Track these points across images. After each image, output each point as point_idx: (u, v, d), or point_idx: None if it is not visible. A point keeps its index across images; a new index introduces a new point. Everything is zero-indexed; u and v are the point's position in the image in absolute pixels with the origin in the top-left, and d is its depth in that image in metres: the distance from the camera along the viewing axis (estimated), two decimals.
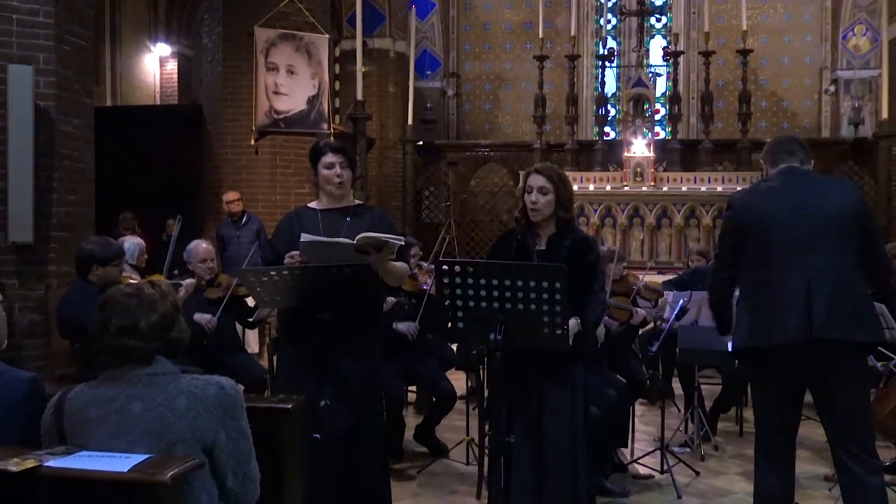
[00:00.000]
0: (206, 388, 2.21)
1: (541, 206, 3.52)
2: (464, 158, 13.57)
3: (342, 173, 3.62)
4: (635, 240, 11.80)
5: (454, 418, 5.77)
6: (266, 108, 9.11)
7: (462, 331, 3.16)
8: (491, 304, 3.06)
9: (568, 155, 12.40)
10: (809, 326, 3.14)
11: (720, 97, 13.73)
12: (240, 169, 9.26)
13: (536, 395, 3.42)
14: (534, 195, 3.52)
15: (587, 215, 11.86)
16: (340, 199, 3.66)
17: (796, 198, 3.32)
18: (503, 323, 3.05)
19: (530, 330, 3.08)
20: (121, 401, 2.15)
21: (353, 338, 3.49)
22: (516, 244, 3.59)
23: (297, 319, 3.55)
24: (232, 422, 2.22)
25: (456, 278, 3.08)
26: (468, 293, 3.09)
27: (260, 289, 3.34)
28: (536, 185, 3.52)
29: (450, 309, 3.12)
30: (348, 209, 3.66)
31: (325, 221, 3.62)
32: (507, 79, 15.13)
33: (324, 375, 3.43)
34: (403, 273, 3.56)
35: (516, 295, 3.04)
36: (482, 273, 3.07)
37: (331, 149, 3.65)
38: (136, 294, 2.24)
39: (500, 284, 3.05)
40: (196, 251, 5.51)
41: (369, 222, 3.60)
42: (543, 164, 3.66)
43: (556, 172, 3.57)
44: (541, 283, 3.01)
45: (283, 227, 3.74)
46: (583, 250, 3.53)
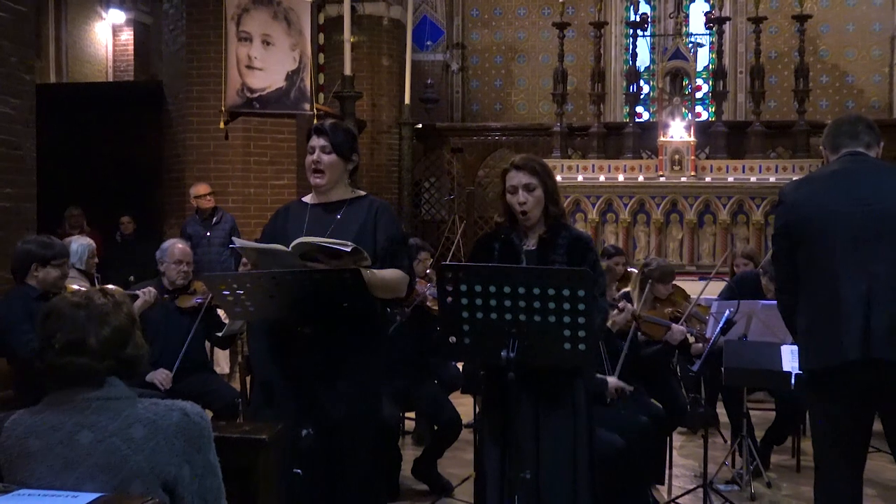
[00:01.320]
0: (167, 414, 2.21)
1: (531, 205, 3.56)
2: (471, 144, 13.58)
3: (321, 159, 3.61)
4: (673, 240, 11.80)
5: (459, 450, 5.77)
6: (238, 86, 9.13)
7: (468, 347, 3.16)
8: (502, 315, 3.07)
9: (593, 140, 12.41)
10: (867, 344, 3.13)
11: (773, 71, 13.73)
12: (207, 157, 9.28)
13: (531, 420, 3.43)
14: (520, 195, 3.56)
15: (584, 210, 11.92)
16: (328, 192, 3.66)
17: (858, 190, 3.28)
18: (517, 337, 3.06)
19: (548, 345, 3.08)
20: (67, 430, 2.15)
21: (343, 355, 3.48)
22: (500, 246, 3.62)
23: (275, 333, 3.55)
24: (198, 455, 2.22)
25: (461, 285, 3.08)
26: (475, 302, 3.09)
27: (230, 297, 3.35)
28: (521, 183, 3.56)
29: (454, 321, 3.13)
30: (340, 204, 3.65)
31: (312, 219, 3.63)
32: (521, 50, 15.15)
33: (306, 400, 3.43)
34: (395, 283, 3.52)
35: (532, 304, 3.04)
36: (493, 278, 3.07)
37: (315, 130, 3.66)
38: (84, 304, 2.24)
39: (514, 292, 3.05)
40: (172, 251, 5.56)
41: (362, 219, 3.59)
42: (521, 157, 3.69)
43: (537, 163, 3.62)
44: (561, 290, 3.01)
45: (268, 226, 3.77)
46: (580, 250, 3.56)
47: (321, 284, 3.25)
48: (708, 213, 11.71)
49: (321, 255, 3.29)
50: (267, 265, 3.37)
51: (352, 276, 3.23)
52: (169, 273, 5.53)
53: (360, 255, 3.31)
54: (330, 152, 3.62)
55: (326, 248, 3.27)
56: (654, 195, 11.78)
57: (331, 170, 3.63)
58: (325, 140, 3.62)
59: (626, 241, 11.65)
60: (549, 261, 3.51)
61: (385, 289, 3.47)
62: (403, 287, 3.58)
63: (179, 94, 9.55)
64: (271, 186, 9.22)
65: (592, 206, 11.90)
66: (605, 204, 11.94)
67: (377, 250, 3.51)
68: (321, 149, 3.62)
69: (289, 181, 9.25)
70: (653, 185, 11.76)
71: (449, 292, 3.11)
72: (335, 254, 3.29)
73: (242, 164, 9.25)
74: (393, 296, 3.57)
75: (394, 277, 3.50)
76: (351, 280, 3.23)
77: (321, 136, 3.63)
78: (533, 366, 3.17)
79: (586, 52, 13.88)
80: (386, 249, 3.54)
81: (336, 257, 3.30)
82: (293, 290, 3.28)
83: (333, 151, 3.62)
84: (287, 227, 3.61)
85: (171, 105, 9.76)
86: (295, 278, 3.27)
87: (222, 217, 8.64)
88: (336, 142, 3.63)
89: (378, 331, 3.63)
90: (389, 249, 3.55)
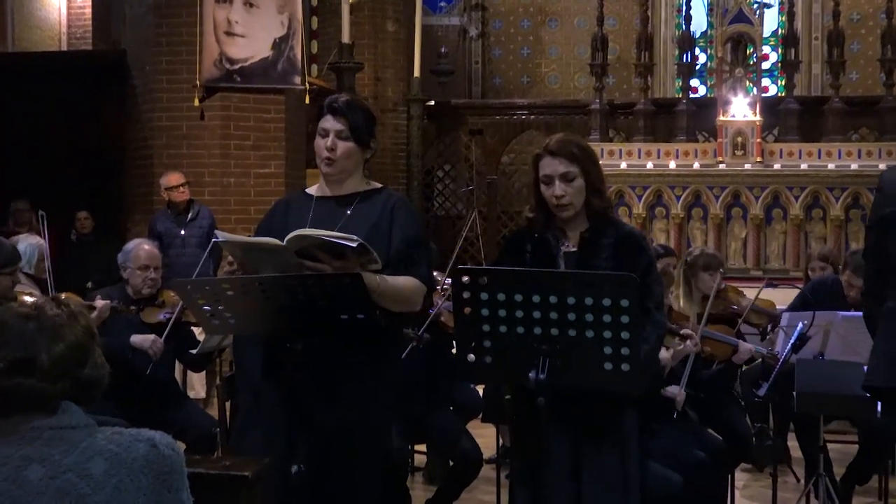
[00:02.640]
0: (132, 446, 2.21)
1: (570, 198, 3.53)
2: (493, 125, 13.58)
3: (336, 146, 3.59)
4: (735, 239, 11.78)
5: (479, 490, 5.77)
6: (215, 56, 9.16)
7: (490, 367, 3.16)
8: (531, 329, 3.06)
9: (639, 119, 12.39)
10: None
11: (855, 36, 13.66)
12: (178, 140, 9.32)
13: (570, 455, 3.42)
14: (556, 187, 3.53)
15: (628, 204, 11.92)
16: (340, 184, 3.66)
17: None
18: (548, 355, 3.05)
19: (585, 365, 3.08)
20: (13, 464, 2.16)
21: (341, 377, 3.49)
22: (533, 247, 3.61)
23: (261, 351, 3.57)
24: (168, 494, 2.22)
25: (481, 293, 3.08)
26: (498, 313, 3.08)
27: (207, 307, 3.36)
28: (557, 172, 3.54)
29: (472, 336, 3.13)
30: (352, 197, 3.65)
31: (317, 213, 3.62)
32: (552, 12, 15.14)
33: (297, 430, 3.43)
34: (408, 293, 3.52)
35: (566, 316, 3.04)
36: (519, 285, 3.07)
37: (331, 109, 3.63)
38: (34, 316, 2.25)
39: (544, 301, 3.04)
40: (136, 254, 5.55)
41: (375, 216, 3.58)
42: (556, 139, 3.64)
43: (577, 146, 3.59)
44: (601, 299, 3.00)
45: (265, 222, 3.77)
46: (630, 251, 3.54)
47: (315, 291, 3.25)
48: (777, 208, 11.68)
49: (322, 254, 3.30)
50: (256, 264, 3.38)
51: (352, 282, 3.22)
52: (133, 281, 5.53)
53: (368, 254, 3.31)
54: (347, 138, 3.60)
55: (328, 242, 3.27)
56: (711, 185, 11.75)
57: (346, 158, 3.61)
58: (342, 123, 3.60)
59: (679, 241, 11.63)
60: (592, 264, 3.49)
61: (397, 299, 3.46)
62: (418, 299, 3.57)
63: (146, 65, 9.59)
64: (255, 176, 9.24)
65: (638, 199, 11.89)
66: (654, 196, 11.91)
67: (391, 253, 3.50)
68: (337, 133, 3.60)
69: (276, 169, 9.25)
70: (710, 174, 11.74)
71: (466, 301, 3.11)
72: (338, 252, 3.29)
73: (221, 150, 9.28)
74: (405, 309, 3.56)
75: (408, 286, 3.50)
76: (350, 286, 3.22)
77: (338, 118, 3.60)
78: (568, 390, 3.16)
79: (631, 14, 13.87)
80: (401, 253, 3.53)
81: (340, 257, 3.30)
82: (282, 298, 3.28)
83: (351, 137, 3.61)
84: (288, 224, 3.60)
85: (135, 79, 9.80)
86: (284, 284, 3.27)
87: (199, 212, 8.66)
88: (355, 125, 3.61)
89: (386, 351, 3.62)
90: (405, 253, 3.54)
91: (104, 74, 10.24)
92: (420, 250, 3.60)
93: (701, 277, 5.65)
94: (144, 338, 5.36)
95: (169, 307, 5.52)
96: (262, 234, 3.66)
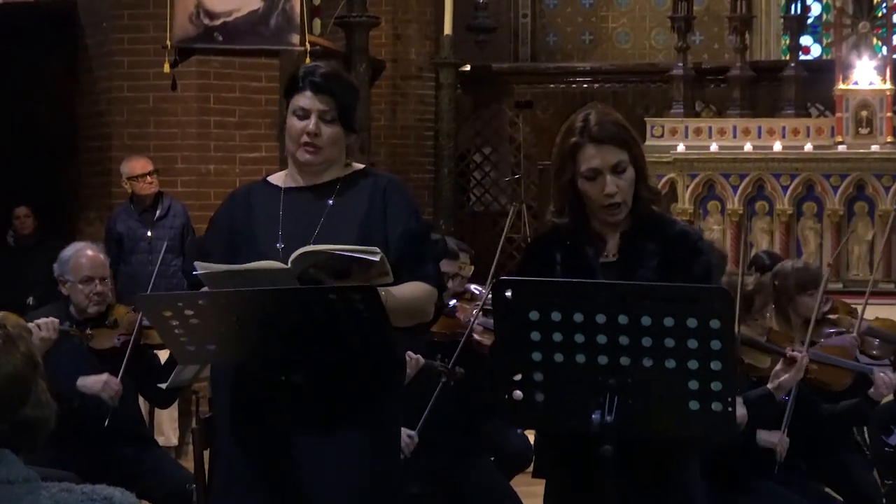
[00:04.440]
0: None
1: (623, 195, 3.52)
2: (546, 96, 13.58)
3: (321, 130, 3.63)
4: (859, 242, 11.68)
5: None
6: (191, 10, 9.19)
7: (541, 406, 3.16)
8: (595, 357, 3.07)
9: (734, 88, 12.36)
10: None
11: None
12: (145, 116, 9.36)
13: None
14: (608, 182, 3.50)
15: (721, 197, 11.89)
16: (317, 173, 3.71)
17: None
18: (617, 392, 3.05)
19: (665, 404, 3.08)
20: None
21: (345, 418, 3.52)
22: (563, 256, 3.60)
23: (246, 385, 3.59)
24: None
25: (530, 311, 3.08)
26: (552, 338, 3.08)
27: (180, 330, 3.38)
28: (607, 164, 3.50)
29: (519, 366, 3.13)
30: (331, 186, 3.70)
31: (290, 208, 3.67)
32: None
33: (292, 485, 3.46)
34: (418, 304, 3.57)
35: (640, 342, 3.04)
36: (579, 301, 3.07)
37: (312, 85, 3.65)
38: None
39: (612, 322, 3.04)
40: (76, 263, 5.55)
41: (363, 205, 3.62)
42: (596, 120, 3.57)
43: (621, 126, 3.57)
44: (685, 319, 3.00)
45: (222, 217, 3.80)
46: (684, 254, 3.54)
47: (317, 310, 3.28)
48: None
49: (324, 275, 3.33)
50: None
51: (365, 299, 3.24)
52: (75, 297, 5.50)
53: (382, 267, 3.35)
54: (333, 120, 3.64)
55: (340, 259, 3.29)
56: (828, 173, 11.68)
57: (331, 145, 3.67)
58: (326, 102, 3.63)
59: (787, 245, 11.56)
60: (636, 274, 3.49)
61: (405, 313, 3.51)
62: (430, 308, 3.65)
63: (103, 21, 9.61)
64: (241, 161, 9.28)
65: (734, 191, 11.82)
66: (754, 187, 11.85)
67: (389, 252, 3.52)
68: (320, 115, 3.63)
69: (268, 153, 9.29)
70: (827, 158, 11.68)
71: (511, 322, 3.12)
72: (342, 268, 3.32)
73: (198, 128, 9.32)
74: (415, 322, 3.64)
75: (417, 295, 3.56)
76: (364, 304, 3.25)
77: (321, 96, 3.63)
78: (641, 435, 3.16)
79: None
80: (402, 252, 3.58)
81: (343, 275, 3.33)
82: (275, 318, 3.31)
83: (338, 119, 3.65)
84: (254, 223, 3.65)
85: (89, 38, 9.83)
86: (278, 300, 3.30)
87: (169, 208, 8.71)
88: (344, 104, 3.66)
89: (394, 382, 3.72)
90: (407, 252, 3.59)
91: (49, 32, 10.27)
92: (424, 246, 3.66)
93: (800, 302, 5.63)
94: (95, 380, 5.28)
95: (124, 328, 5.50)
96: (220, 234, 3.71)
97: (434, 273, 3.65)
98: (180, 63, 9.20)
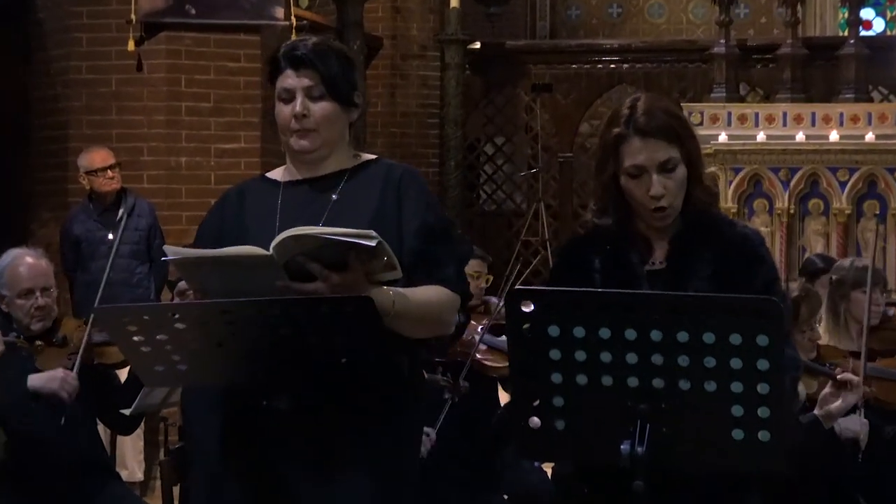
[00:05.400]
0: None
1: (671, 197, 3.52)
2: (567, 78, 13.60)
3: (309, 109, 3.62)
4: None
5: None
6: None
7: (562, 435, 3.15)
8: (624, 380, 3.06)
9: (784, 69, 12.38)
10: None
11: None
12: (106, 101, 9.39)
13: None
14: (655, 182, 3.50)
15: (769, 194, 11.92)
16: (319, 162, 3.70)
17: None
18: (650, 419, 3.05)
19: (705, 433, 3.08)
20: None
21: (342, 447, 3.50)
22: (603, 262, 3.62)
23: (223, 412, 3.58)
24: None
25: (550, 325, 3.07)
26: (575, 357, 3.08)
27: (146, 347, 3.37)
28: (654, 162, 3.50)
29: (536, 389, 3.13)
30: (336, 177, 3.70)
31: (288, 203, 3.67)
32: None
33: None
34: (438, 312, 3.57)
35: (676, 361, 3.03)
36: (606, 315, 3.06)
37: (292, 61, 3.66)
38: None
39: (643, 339, 3.03)
40: (14, 272, 5.55)
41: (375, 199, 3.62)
42: (644, 109, 3.56)
43: (674, 116, 3.56)
44: (728, 335, 2.99)
45: (210, 220, 3.81)
46: (743, 262, 3.55)
47: (306, 323, 3.27)
48: None
49: (313, 265, 3.30)
50: (223, 290, 3.38)
51: (358, 310, 3.24)
52: (14, 313, 5.51)
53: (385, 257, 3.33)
54: (322, 96, 3.63)
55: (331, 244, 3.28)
56: (893, 167, 11.72)
57: (327, 125, 3.65)
58: (309, 77, 3.63)
59: (845, 249, 11.57)
60: (687, 284, 3.49)
61: (420, 320, 3.51)
62: (450, 316, 3.64)
63: None
64: (217, 153, 9.31)
65: (783, 187, 11.83)
66: (807, 182, 11.86)
67: (403, 252, 3.52)
68: (305, 92, 3.62)
69: (248, 143, 9.32)
70: (892, 149, 11.71)
71: (528, 339, 3.11)
72: (336, 257, 3.30)
73: (168, 115, 9.36)
74: (433, 332, 3.64)
75: (435, 300, 3.54)
76: (357, 315, 3.25)
77: (303, 72, 3.63)
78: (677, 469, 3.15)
79: None
80: (419, 251, 3.57)
81: (339, 266, 3.31)
82: (257, 332, 3.30)
83: (328, 94, 3.64)
84: (246, 223, 3.65)
85: (42, 11, 9.85)
86: (259, 312, 3.29)
87: (134, 207, 8.70)
88: (330, 75, 3.64)
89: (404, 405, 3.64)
90: (425, 251, 3.58)
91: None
92: (445, 244, 3.63)
93: (854, 299, 5.64)
94: (50, 377, 5.27)
95: (75, 346, 5.49)
96: (209, 237, 3.69)
97: (456, 277, 3.61)
98: (147, 40, 9.23)
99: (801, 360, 4.08)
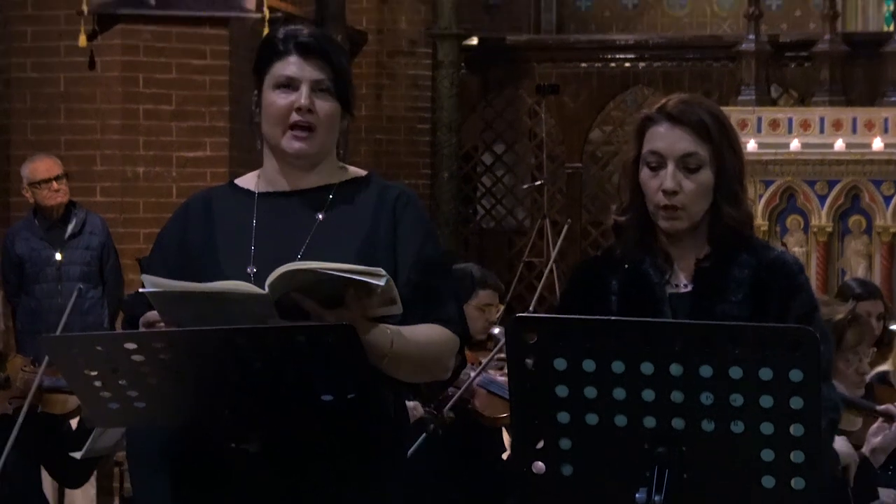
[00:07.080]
0: None
1: (685, 198, 3.55)
2: (576, 78, 13.63)
3: (314, 104, 3.60)
4: None
5: None
6: None
7: (570, 482, 3.17)
8: (639, 419, 3.08)
9: (820, 68, 12.44)
10: None
11: None
12: (53, 103, 9.42)
13: None
14: (669, 175, 3.54)
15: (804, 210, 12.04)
16: (305, 172, 3.69)
17: None
18: (669, 463, 3.06)
19: (732, 480, 3.08)
20: None
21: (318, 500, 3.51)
22: (621, 283, 3.64)
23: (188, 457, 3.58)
24: None
25: (555, 359, 3.09)
26: (584, 393, 3.10)
27: (98, 382, 3.38)
28: (674, 152, 3.55)
29: (541, 430, 3.14)
30: (323, 192, 3.69)
31: (265, 218, 3.66)
32: None
33: None
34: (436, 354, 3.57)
35: (698, 398, 3.05)
36: (619, 346, 3.07)
37: (300, 47, 3.63)
38: None
39: (662, 374, 3.05)
40: None
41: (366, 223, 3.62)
42: (678, 99, 3.65)
43: (713, 115, 3.59)
44: (756, 370, 3.01)
45: (172, 230, 3.78)
46: (779, 289, 3.57)
47: (279, 355, 3.27)
48: None
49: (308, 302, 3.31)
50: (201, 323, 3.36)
51: (339, 340, 3.23)
52: None
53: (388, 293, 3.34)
54: (328, 92, 3.63)
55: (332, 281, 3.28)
56: None
57: (328, 126, 3.65)
58: (319, 68, 3.62)
59: (889, 271, 11.59)
60: (716, 311, 3.51)
61: (418, 363, 3.54)
62: (449, 361, 3.64)
63: None
64: (179, 162, 9.32)
65: (820, 202, 11.85)
66: (847, 197, 11.89)
67: (399, 285, 3.49)
68: (314, 85, 3.61)
69: (214, 151, 9.32)
70: None
71: (531, 373, 3.12)
72: (334, 293, 3.31)
73: (123, 119, 9.38)
74: (431, 377, 3.66)
75: (434, 341, 3.55)
76: (337, 346, 3.24)
77: (312, 61, 3.62)
78: None
79: None
80: (416, 286, 3.57)
81: (334, 302, 3.32)
82: (224, 365, 3.30)
83: (334, 92, 3.64)
84: (216, 240, 3.64)
85: None
86: (227, 342, 3.29)
87: (85, 223, 8.72)
88: (340, 70, 3.65)
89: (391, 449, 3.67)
90: (422, 286, 3.58)
91: None
92: (445, 278, 3.65)
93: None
94: None
95: (18, 389, 5.49)
96: (165, 253, 3.69)
97: (456, 315, 3.62)
98: (100, 34, 9.24)
99: (841, 400, 4.07)
